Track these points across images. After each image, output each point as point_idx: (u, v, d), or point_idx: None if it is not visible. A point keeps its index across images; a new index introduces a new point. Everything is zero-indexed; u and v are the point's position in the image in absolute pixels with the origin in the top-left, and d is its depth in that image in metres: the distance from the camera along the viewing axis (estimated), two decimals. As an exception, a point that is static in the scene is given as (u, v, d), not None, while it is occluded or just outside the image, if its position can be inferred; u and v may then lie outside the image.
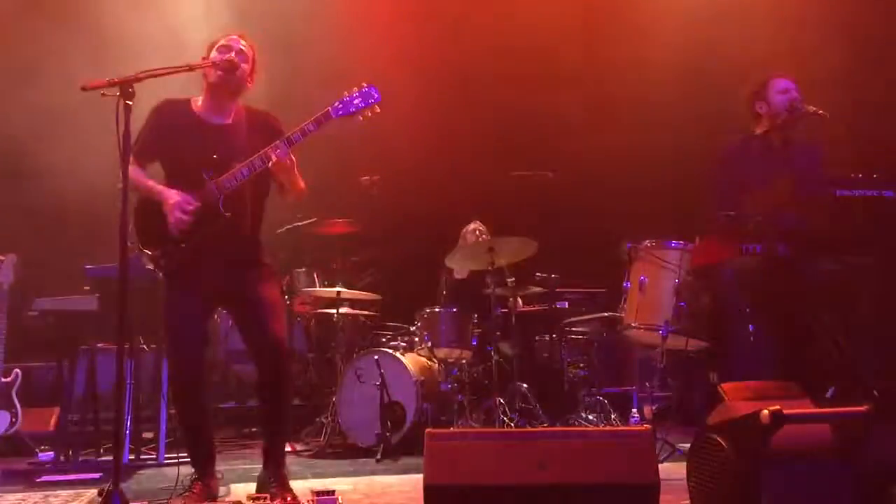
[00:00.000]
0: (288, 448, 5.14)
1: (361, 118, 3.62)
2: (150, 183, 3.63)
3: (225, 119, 3.71)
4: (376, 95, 3.62)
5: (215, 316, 6.02)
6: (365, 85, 3.62)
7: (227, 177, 3.55)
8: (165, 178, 3.68)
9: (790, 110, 4.29)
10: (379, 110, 3.63)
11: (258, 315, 3.62)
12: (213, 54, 3.66)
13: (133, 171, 3.51)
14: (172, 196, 3.54)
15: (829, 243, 3.78)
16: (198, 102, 3.73)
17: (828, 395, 3.69)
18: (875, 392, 3.41)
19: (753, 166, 4.31)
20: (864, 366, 3.75)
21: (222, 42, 3.70)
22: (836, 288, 3.98)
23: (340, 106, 3.59)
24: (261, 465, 3.71)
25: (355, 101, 3.59)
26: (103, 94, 3.05)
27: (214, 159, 3.58)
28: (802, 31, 6.55)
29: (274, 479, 3.59)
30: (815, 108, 4.24)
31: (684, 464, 2.95)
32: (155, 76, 3.22)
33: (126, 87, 3.05)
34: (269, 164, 3.52)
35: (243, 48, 3.70)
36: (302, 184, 3.72)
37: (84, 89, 3.07)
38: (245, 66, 3.68)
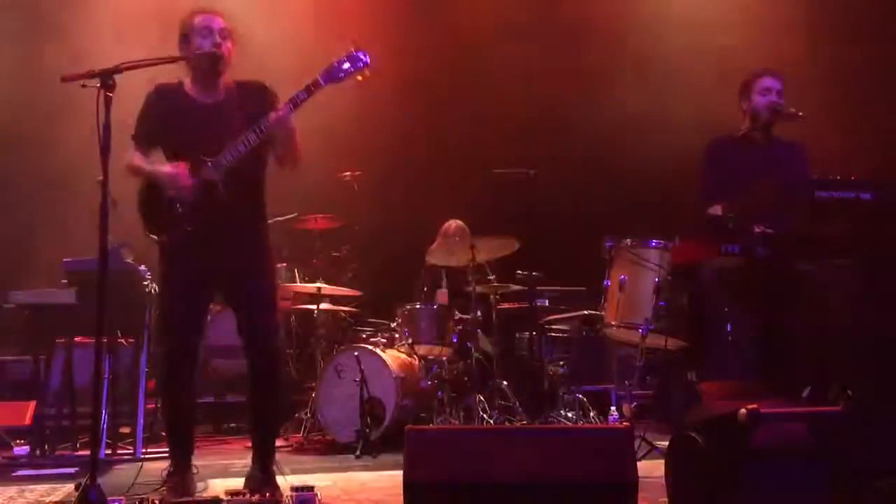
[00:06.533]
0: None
1: (352, 81, 3.53)
2: (147, 166, 3.55)
3: (216, 97, 3.62)
4: (365, 59, 3.52)
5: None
6: (352, 49, 3.52)
7: (223, 155, 3.49)
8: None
9: (770, 111, 4.32)
10: (368, 74, 3.53)
11: (252, 305, 3.61)
12: (196, 40, 3.54)
13: (133, 156, 3.48)
14: (166, 170, 3.49)
15: (808, 245, 3.81)
16: (189, 84, 3.65)
17: (804, 394, 3.72)
18: (850, 392, 3.45)
19: (735, 165, 4.34)
20: (840, 366, 3.79)
21: (200, 24, 3.56)
22: (813, 289, 4.01)
23: (329, 72, 3.51)
24: (238, 461, 3.69)
25: (344, 66, 3.50)
26: (83, 86, 3.01)
27: (209, 139, 3.51)
28: (790, 33, 6.62)
29: (261, 475, 3.56)
30: (794, 110, 4.27)
31: (663, 462, 2.96)
32: (137, 67, 3.17)
33: (106, 79, 3.01)
34: (262, 134, 3.46)
35: (223, 25, 3.60)
36: (300, 151, 3.63)
37: (64, 80, 3.03)
38: (228, 44, 3.59)
